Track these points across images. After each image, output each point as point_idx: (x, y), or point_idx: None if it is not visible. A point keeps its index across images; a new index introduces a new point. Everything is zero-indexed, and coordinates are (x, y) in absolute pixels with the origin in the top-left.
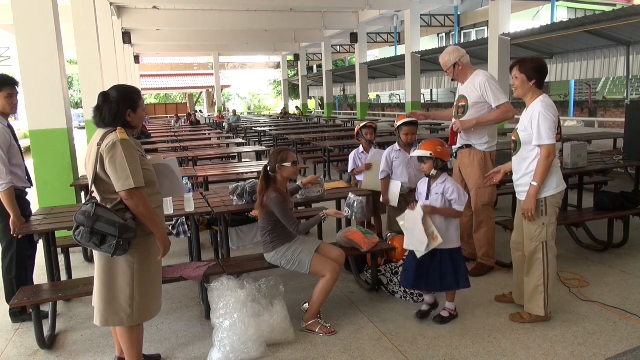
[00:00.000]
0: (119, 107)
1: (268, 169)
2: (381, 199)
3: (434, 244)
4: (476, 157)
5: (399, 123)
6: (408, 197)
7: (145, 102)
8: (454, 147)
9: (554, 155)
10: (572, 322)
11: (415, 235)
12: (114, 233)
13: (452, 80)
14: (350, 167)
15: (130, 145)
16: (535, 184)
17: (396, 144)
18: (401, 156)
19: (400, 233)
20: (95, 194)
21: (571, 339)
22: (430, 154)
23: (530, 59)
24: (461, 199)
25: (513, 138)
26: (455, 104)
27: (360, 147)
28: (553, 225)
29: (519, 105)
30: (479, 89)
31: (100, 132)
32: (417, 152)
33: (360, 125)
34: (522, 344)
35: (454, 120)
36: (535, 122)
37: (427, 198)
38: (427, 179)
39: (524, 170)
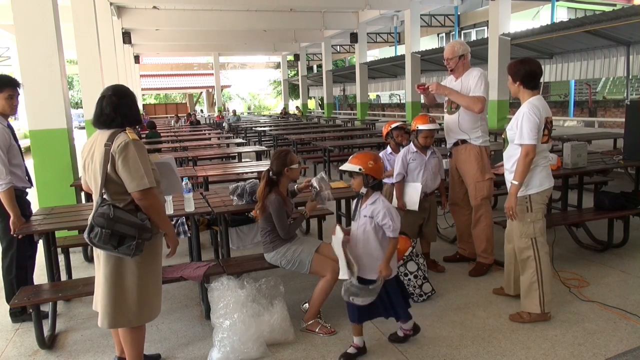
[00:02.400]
0: (134, 104)
1: (270, 173)
2: (393, 203)
3: (355, 274)
4: (472, 152)
5: (421, 127)
6: (424, 202)
7: (144, 102)
8: (448, 145)
9: (533, 154)
10: (572, 322)
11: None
12: (133, 234)
13: (450, 71)
14: None
15: (141, 145)
16: (515, 182)
17: (411, 145)
18: (418, 158)
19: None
20: (106, 195)
21: (571, 339)
22: (360, 169)
23: (516, 62)
24: (395, 223)
25: (503, 136)
26: (447, 99)
27: (388, 147)
28: (540, 221)
29: (516, 105)
30: (471, 80)
31: (104, 133)
32: (345, 166)
33: (391, 126)
34: (522, 344)
35: (448, 110)
36: (519, 122)
37: (352, 219)
38: (357, 198)
39: (510, 167)
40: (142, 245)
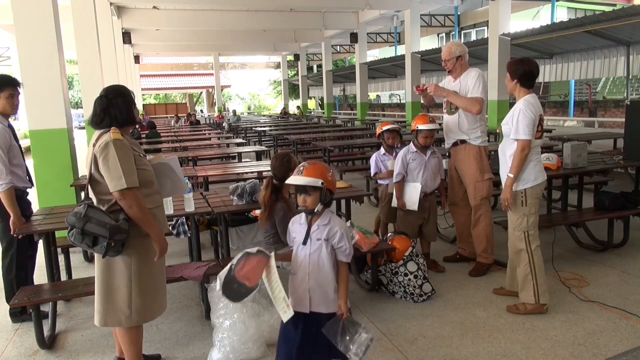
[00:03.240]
0: (127, 104)
1: (274, 179)
2: (393, 203)
3: (287, 314)
4: (471, 152)
5: (421, 127)
6: (424, 202)
7: (145, 102)
8: (447, 145)
9: (529, 149)
10: (572, 322)
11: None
12: (104, 234)
13: (448, 72)
14: (372, 171)
15: (123, 145)
16: (510, 175)
17: (411, 145)
18: (418, 158)
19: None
20: (92, 195)
21: (571, 339)
22: (322, 183)
23: (515, 60)
24: (351, 247)
25: (497, 131)
26: (447, 99)
27: (382, 149)
28: (534, 215)
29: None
30: (469, 81)
31: (96, 133)
32: (300, 180)
33: (382, 128)
34: (522, 344)
35: (447, 110)
36: (515, 118)
37: (304, 243)
38: (305, 216)
39: (505, 161)
40: (118, 246)
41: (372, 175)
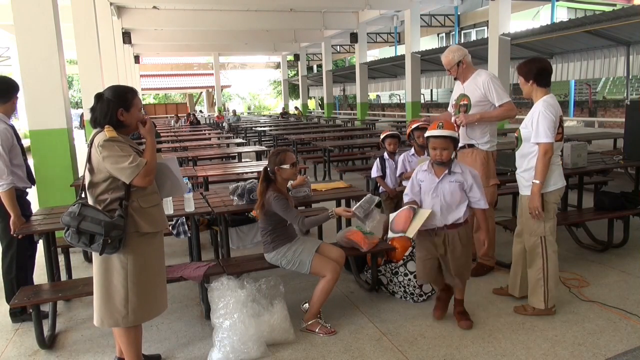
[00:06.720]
0: (109, 107)
1: (268, 170)
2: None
3: None
4: (479, 157)
5: (431, 133)
6: (434, 237)
7: (144, 102)
8: None
9: (551, 152)
10: (572, 322)
11: None
12: (100, 232)
13: (455, 79)
14: (398, 171)
15: (120, 140)
16: (536, 181)
17: (427, 164)
18: (427, 179)
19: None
20: (88, 195)
21: (571, 339)
22: None
23: (525, 61)
24: None
25: (515, 135)
26: (454, 102)
27: (412, 149)
28: (551, 220)
29: (520, 104)
30: (482, 87)
31: (93, 133)
32: None
33: (412, 126)
34: (522, 344)
35: (456, 114)
36: (535, 121)
37: None
38: None
39: (525, 165)
40: (115, 243)
41: (397, 174)
